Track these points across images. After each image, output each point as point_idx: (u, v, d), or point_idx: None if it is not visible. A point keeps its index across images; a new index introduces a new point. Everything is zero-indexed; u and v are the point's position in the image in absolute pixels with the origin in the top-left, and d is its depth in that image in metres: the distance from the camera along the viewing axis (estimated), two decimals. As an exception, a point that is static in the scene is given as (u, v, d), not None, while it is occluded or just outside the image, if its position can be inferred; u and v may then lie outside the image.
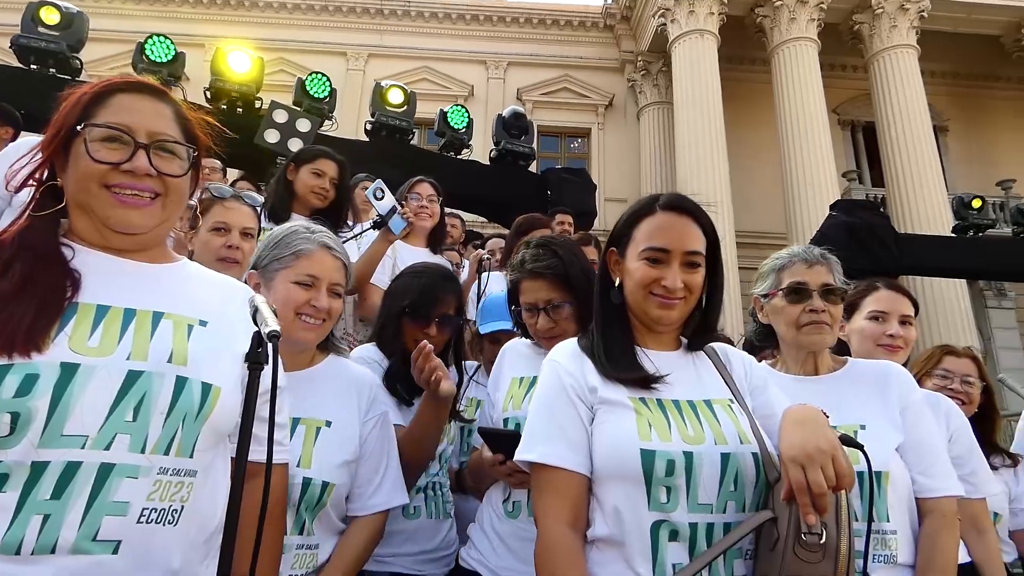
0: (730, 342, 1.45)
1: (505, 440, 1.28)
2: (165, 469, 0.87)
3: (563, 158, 16.54)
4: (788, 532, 0.96)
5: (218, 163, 4.38)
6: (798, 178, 12.87)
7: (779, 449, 1.04)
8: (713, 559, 1.00)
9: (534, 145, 5.63)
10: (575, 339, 1.27)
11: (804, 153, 12.94)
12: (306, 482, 1.29)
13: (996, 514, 2.03)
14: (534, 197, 5.35)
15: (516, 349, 1.68)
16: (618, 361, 1.16)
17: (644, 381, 1.13)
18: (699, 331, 1.25)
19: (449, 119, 5.25)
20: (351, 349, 1.80)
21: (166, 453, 0.87)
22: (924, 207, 12.50)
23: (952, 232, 7.18)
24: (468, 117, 5.33)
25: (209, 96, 4.79)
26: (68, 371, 0.84)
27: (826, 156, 13.02)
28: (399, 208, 2.58)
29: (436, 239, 2.99)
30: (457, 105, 5.44)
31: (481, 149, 6.61)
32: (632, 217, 1.25)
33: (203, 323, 0.98)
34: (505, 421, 1.53)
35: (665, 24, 14.71)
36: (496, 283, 2.73)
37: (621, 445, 1.07)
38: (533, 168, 5.91)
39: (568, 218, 4.00)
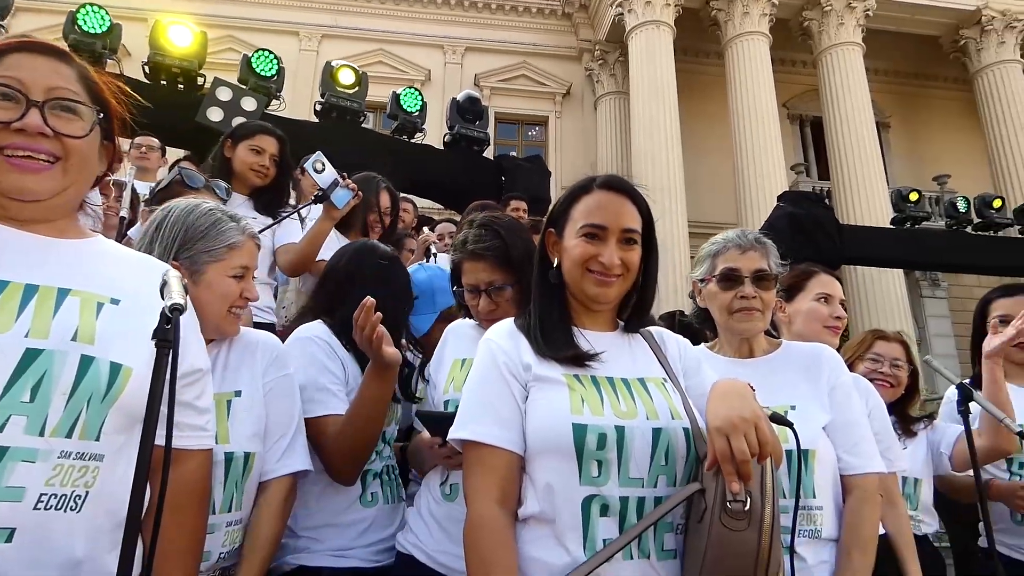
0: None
1: (442, 422, 1.26)
2: (67, 453, 0.82)
3: (520, 145, 16.51)
4: (715, 502, 0.98)
5: (155, 141, 4.20)
6: (749, 170, 13.19)
7: (706, 421, 1.06)
8: (642, 531, 1.01)
9: (490, 131, 5.57)
10: (511, 319, 1.26)
11: (755, 145, 13.26)
12: (228, 457, 1.27)
13: (917, 480, 2.14)
14: (488, 183, 5.31)
15: (459, 330, 1.65)
16: (554, 340, 1.16)
17: (579, 359, 1.14)
18: (635, 312, 1.26)
19: (402, 102, 5.15)
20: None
21: (68, 436, 0.82)
22: (866, 200, 12.99)
23: (891, 224, 7.47)
24: (422, 100, 5.23)
25: (148, 71, 4.56)
26: None
27: (775, 149, 13.38)
28: (341, 180, 2.46)
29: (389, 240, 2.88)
30: (411, 88, 5.33)
31: (437, 135, 6.51)
32: (569, 196, 1.26)
33: (115, 301, 0.92)
34: (446, 403, 1.50)
35: (622, 14, 14.80)
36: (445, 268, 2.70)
37: (553, 419, 1.07)
38: (489, 155, 5.87)
39: (522, 204, 3.98)
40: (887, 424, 1.78)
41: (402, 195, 5.12)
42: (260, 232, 2.26)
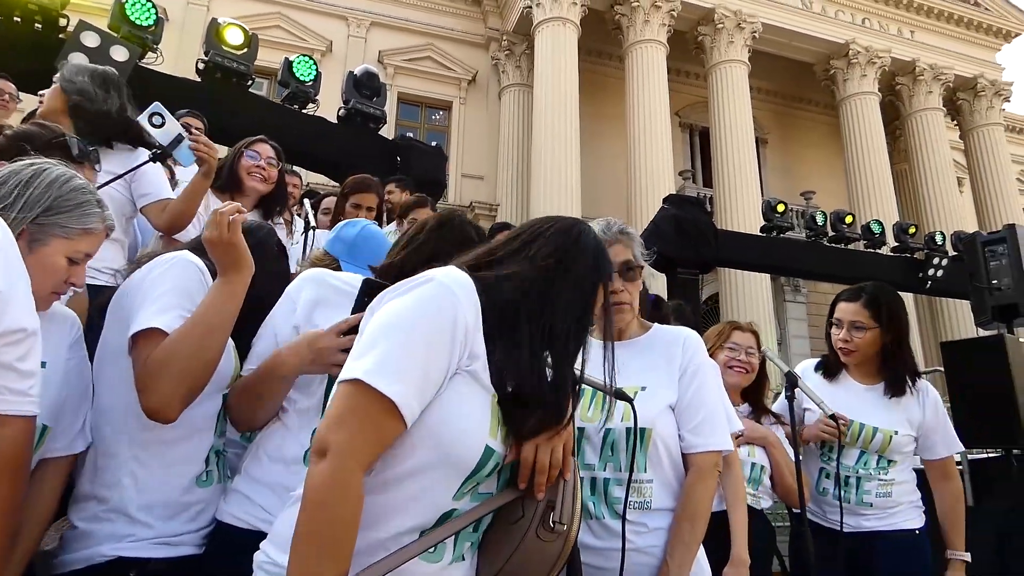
0: None
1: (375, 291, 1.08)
2: None
3: (423, 128, 16.29)
4: (535, 514, 1.01)
5: (12, 86, 3.77)
6: (641, 172, 13.83)
7: None
8: (464, 527, 0.99)
9: (392, 111, 5.46)
10: (468, 276, 1.03)
11: (647, 149, 13.92)
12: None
13: (763, 467, 2.37)
14: (382, 161, 5.20)
15: (351, 285, 1.40)
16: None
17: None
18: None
19: (294, 69, 4.91)
20: None
21: None
22: (742, 208, 14.02)
23: (760, 232, 8.12)
24: (316, 69, 5.02)
25: (-2, 5, 4.06)
26: None
27: (666, 154, 14.12)
28: (186, 135, 2.22)
29: (270, 205, 2.75)
30: (305, 55, 5.10)
31: (333, 109, 6.29)
32: None
33: None
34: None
35: (531, 7, 14.97)
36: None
37: (468, 431, 0.97)
38: (388, 133, 5.75)
39: (398, 188, 3.97)
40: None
41: (289, 167, 4.93)
42: (108, 183, 2.08)
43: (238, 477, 1.36)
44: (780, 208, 7.88)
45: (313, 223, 2.68)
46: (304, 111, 5.07)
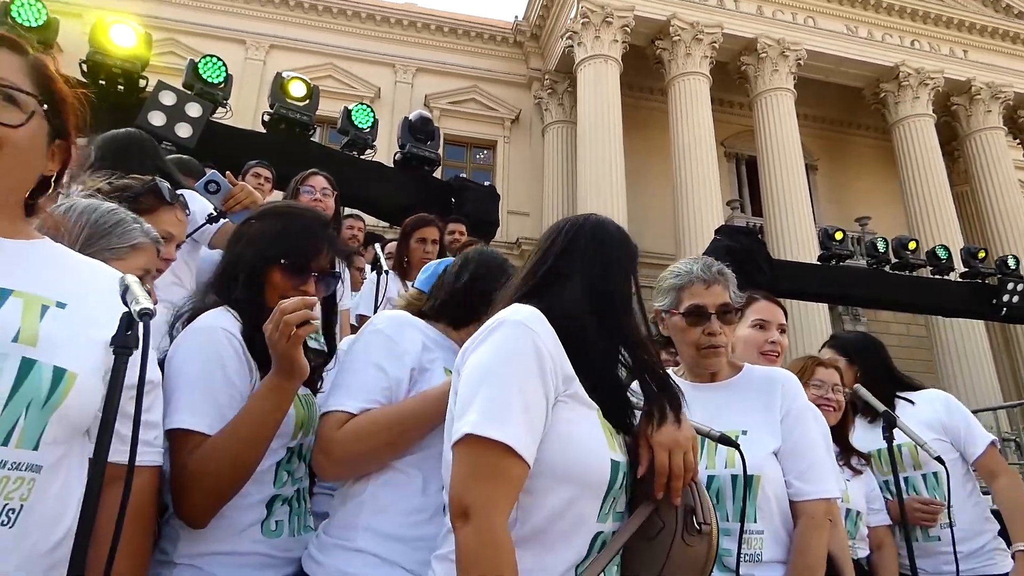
0: None
1: None
2: (3, 462, 0.77)
3: (468, 168, 16.61)
4: (677, 522, 1.03)
5: (268, 172, 4.02)
6: (688, 203, 13.72)
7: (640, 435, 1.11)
8: (616, 553, 1.02)
9: (440, 151, 5.60)
10: (535, 309, 1.06)
11: (694, 180, 13.83)
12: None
13: (859, 512, 2.25)
14: (437, 203, 5.31)
15: (426, 334, 1.42)
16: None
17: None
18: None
19: (353, 117, 5.11)
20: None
21: (4, 443, 0.77)
22: (795, 236, 13.71)
23: (818, 261, 7.89)
24: (373, 117, 5.21)
25: (86, 70, 4.37)
26: None
27: (713, 184, 13.98)
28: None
29: None
30: (362, 104, 5.30)
31: (385, 153, 6.48)
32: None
33: (61, 304, 0.88)
34: None
35: (572, 46, 15.25)
36: (393, 285, 2.68)
37: (593, 452, 1.01)
38: (438, 175, 5.88)
39: (460, 227, 4.02)
40: (831, 449, 1.87)
41: (351, 211, 5.08)
42: (191, 235, 2.17)
43: (353, 535, 1.21)
44: (838, 236, 7.68)
45: (385, 266, 2.74)
46: (362, 157, 5.24)
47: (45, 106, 0.89)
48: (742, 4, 15.85)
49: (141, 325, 0.76)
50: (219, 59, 4.73)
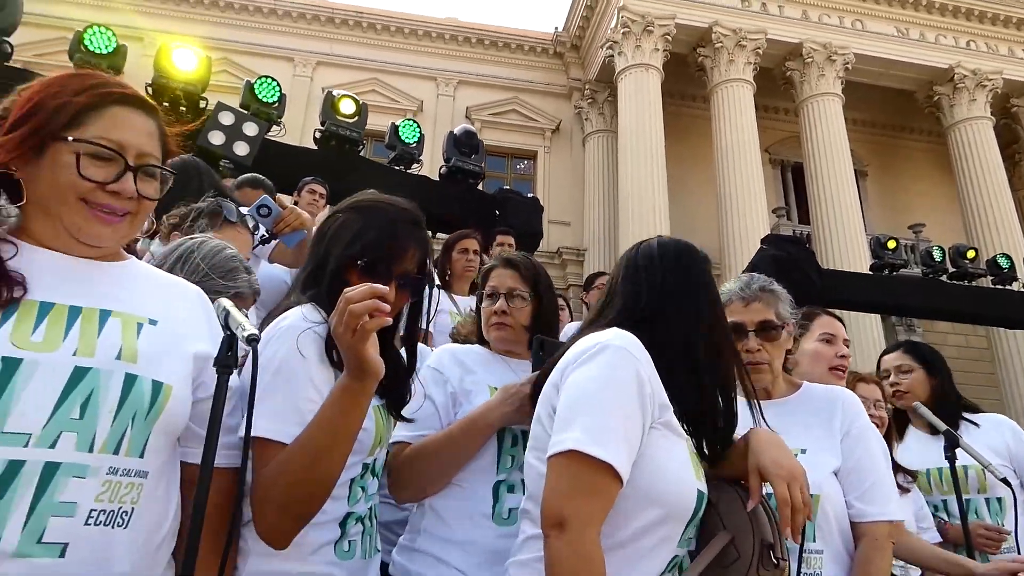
0: None
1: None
2: (115, 469, 0.85)
3: (509, 178, 16.73)
4: (754, 552, 1.03)
5: (322, 188, 4.23)
6: (732, 211, 13.50)
7: (752, 461, 1.12)
8: None
9: (483, 164, 5.68)
10: (634, 336, 1.11)
11: (738, 188, 13.61)
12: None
13: (909, 532, 2.19)
14: (482, 215, 5.39)
15: (477, 355, 1.58)
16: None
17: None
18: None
19: (400, 133, 5.25)
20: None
21: (115, 452, 0.85)
22: (845, 245, 13.33)
23: (870, 270, 7.67)
24: (419, 132, 5.33)
25: (151, 92, 4.61)
26: (9, 366, 0.81)
27: (758, 192, 13.73)
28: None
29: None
30: (409, 119, 5.44)
31: (428, 165, 6.59)
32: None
33: (153, 322, 0.96)
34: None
35: (612, 56, 15.24)
36: (445, 299, 2.75)
37: (684, 481, 1.06)
38: (479, 187, 5.97)
39: (509, 239, 4.06)
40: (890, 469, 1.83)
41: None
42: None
43: (415, 537, 1.39)
44: (891, 244, 7.45)
45: (437, 282, 2.80)
46: (409, 171, 5.36)
47: (171, 176, 1.00)
48: (786, 9, 15.58)
49: (251, 350, 0.82)
50: (273, 79, 4.92)
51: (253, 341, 0.82)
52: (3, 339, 0.82)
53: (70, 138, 0.87)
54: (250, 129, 4.43)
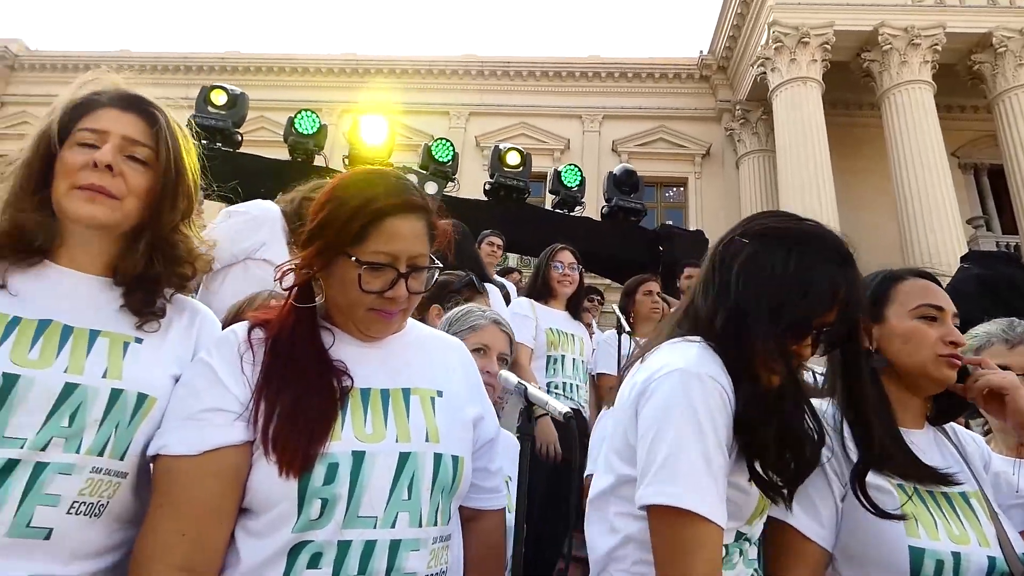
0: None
1: None
2: (436, 538, 0.98)
3: (660, 207, 16.51)
4: None
5: (500, 240, 4.75)
6: (916, 225, 12.17)
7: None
8: None
9: (643, 201, 5.72)
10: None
11: (923, 199, 12.25)
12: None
13: None
14: (646, 252, 5.41)
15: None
16: (889, 448, 1.09)
17: (934, 478, 1.08)
18: (952, 404, 1.21)
19: (562, 178, 5.46)
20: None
21: (433, 524, 0.97)
22: (1067, 256, 11.42)
23: (1108, 286, 6.51)
24: (580, 176, 5.51)
25: (346, 162, 5.26)
26: (358, 458, 0.93)
27: (948, 202, 12.26)
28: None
29: (575, 304, 3.09)
30: (571, 165, 5.65)
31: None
32: (884, 281, 1.26)
33: (440, 394, 1.07)
34: None
35: (764, 73, 14.59)
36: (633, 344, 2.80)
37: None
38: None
39: (695, 271, 4.02)
40: None
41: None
42: None
43: None
44: None
45: (627, 327, 2.87)
46: (572, 214, 5.55)
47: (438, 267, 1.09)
48: (968, -2, 14.00)
49: (574, 423, 0.94)
50: (447, 140, 5.39)
51: (570, 418, 0.94)
52: (349, 434, 0.94)
53: (354, 257, 0.98)
54: (431, 188, 4.86)
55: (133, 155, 1.00)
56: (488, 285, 2.57)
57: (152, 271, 1.04)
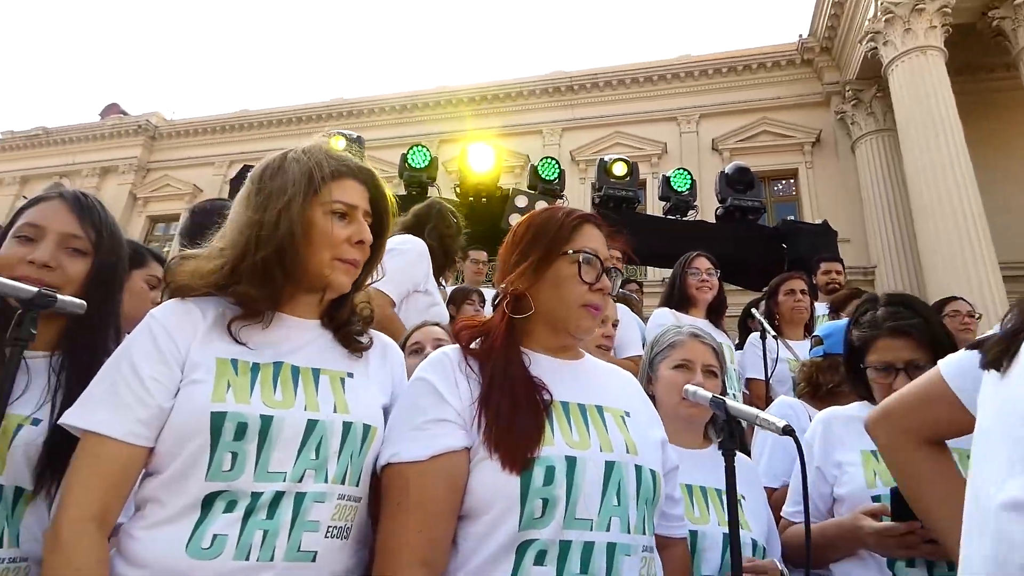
0: None
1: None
2: (645, 547, 1.03)
3: (770, 202, 15.71)
4: None
5: (484, 254, 4.91)
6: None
7: None
8: None
9: (762, 199, 5.48)
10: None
11: (1082, 164, 10.84)
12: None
13: None
14: (768, 251, 5.17)
15: (842, 415, 1.57)
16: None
17: None
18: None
19: (672, 183, 5.36)
20: None
21: (642, 533, 1.03)
22: None
23: None
24: (691, 179, 5.39)
25: (458, 191, 5.47)
26: (571, 463, 0.99)
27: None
28: None
29: (716, 310, 3.03)
30: (681, 169, 5.53)
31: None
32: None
33: (627, 414, 1.13)
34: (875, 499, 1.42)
35: (876, 48, 13.57)
36: (783, 347, 2.70)
37: None
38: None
39: (836, 266, 3.80)
40: None
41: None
42: None
43: None
44: None
45: (771, 331, 2.74)
46: (684, 218, 5.42)
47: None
48: (1117, -70, 12.33)
49: (795, 434, 0.95)
50: (554, 160, 5.46)
51: (790, 431, 0.93)
52: (560, 440, 1.01)
53: (571, 250, 1.11)
54: (540, 207, 4.95)
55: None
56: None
57: (354, 315, 1.17)
